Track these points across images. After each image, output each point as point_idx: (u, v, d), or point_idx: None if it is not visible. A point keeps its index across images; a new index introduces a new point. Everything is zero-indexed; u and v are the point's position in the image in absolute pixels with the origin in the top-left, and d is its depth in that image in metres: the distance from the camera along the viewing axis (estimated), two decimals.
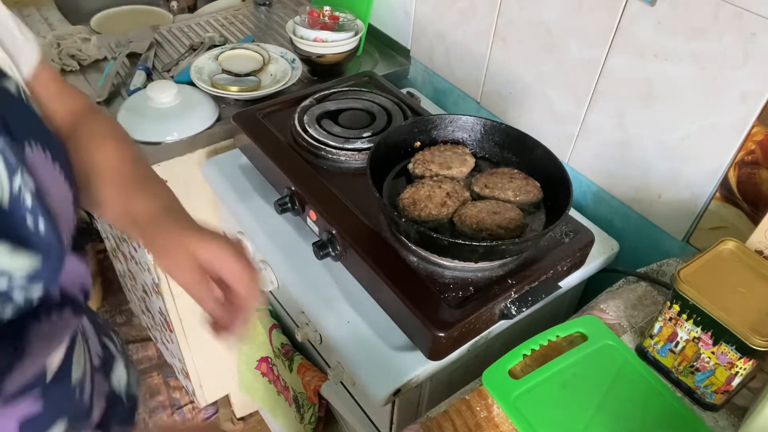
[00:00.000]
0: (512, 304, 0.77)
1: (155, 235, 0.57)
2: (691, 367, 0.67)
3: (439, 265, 0.78)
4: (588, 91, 0.95)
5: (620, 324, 0.77)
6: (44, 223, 0.46)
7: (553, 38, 0.97)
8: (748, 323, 0.61)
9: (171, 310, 1.31)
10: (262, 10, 1.54)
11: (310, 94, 1.06)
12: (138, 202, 0.59)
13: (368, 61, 1.33)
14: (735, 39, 0.73)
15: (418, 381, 0.76)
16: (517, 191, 0.83)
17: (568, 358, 0.71)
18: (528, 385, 0.68)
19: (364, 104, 1.04)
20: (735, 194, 0.81)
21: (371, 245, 0.80)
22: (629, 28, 0.85)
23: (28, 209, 0.45)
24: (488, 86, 1.15)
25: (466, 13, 1.12)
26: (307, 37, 1.19)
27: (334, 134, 0.97)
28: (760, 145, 0.76)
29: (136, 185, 0.61)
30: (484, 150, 0.94)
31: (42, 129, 0.52)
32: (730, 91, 0.76)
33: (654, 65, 0.84)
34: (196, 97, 1.13)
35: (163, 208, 0.59)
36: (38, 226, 0.46)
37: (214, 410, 1.76)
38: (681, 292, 0.64)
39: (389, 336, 0.79)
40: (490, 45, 1.10)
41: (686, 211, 0.88)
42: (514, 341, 0.74)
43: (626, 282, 0.84)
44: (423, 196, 0.81)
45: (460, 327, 0.72)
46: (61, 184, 0.52)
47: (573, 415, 0.66)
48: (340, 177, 0.92)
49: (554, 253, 0.81)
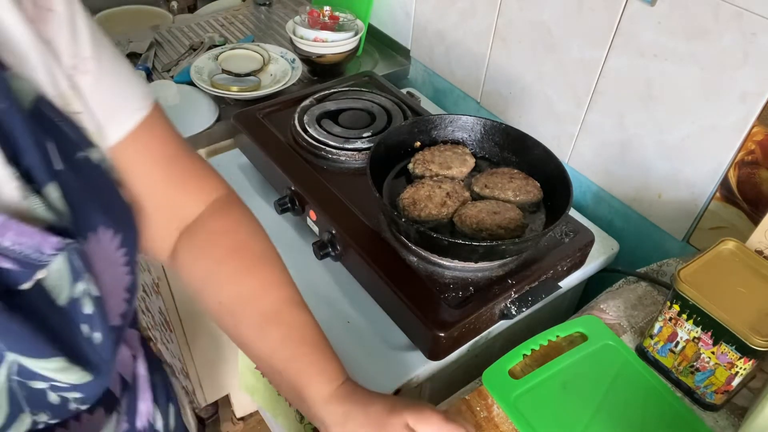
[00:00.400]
0: (512, 304, 0.77)
1: (348, 415, 0.52)
2: (691, 367, 0.67)
3: (439, 265, 0.78)
4: (588, 91, 0.95)
5: (620, 324, 0.77)
6: (101, 333, 0.43)
7: (553, 38, 0.97)
8: (748, 323, 0.61)
9: (171, 310, 1.31)
10: (262, 10, 1.54)
11: (310, 94, 1.06)
12: (301, 372, 0.54)
13: (368, 61, 1.33)
14: (735, 39, 0.73)
15: (418, 381, 0.76)
16: (517, 191, 0.83)
17: (568, 358, 0.71)
18: (528, 385, 0.68)
19: (364, 104, 1.04)
20: (735, 194, 0.81)
21: (371, 245, 0.80)
22: (629, 28, 0.85)
23: (85, 317, 0.42)
24: (488, 86, 1.15)
25: (466, 13, 1.12)
26: (307, 37, 1.19)
27: (334, 134, 0.97)
28: (760, 145, 0.76)
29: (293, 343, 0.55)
30: (484, 150, 0.94)
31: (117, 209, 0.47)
32: (730, 91, 0.76)
33: (654, 65, 0.84)
34: (196, 97, 1.13)
35: (333, 379, 0.54)
36: (92, 336, 0.43)
37: (214, 410, 1.76)
38: (681, 292, 0.64)
39: (389, 336, 0.79)
40: (490, 45, 1.10)
41: (686, 211, 0.88)
42: (514, 341, 0.74)
43: (626, 282, 0.84)
44: (423, 196, 0.81)
45: (460, 327, 0.72)
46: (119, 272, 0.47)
47: (573, 415, 0.66)
48: (340, 177, 0.92)
49: (554, 253, 0.81)
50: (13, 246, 0.36)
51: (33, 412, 0.40)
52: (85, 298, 0.41)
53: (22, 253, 0.36)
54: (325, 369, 0.55)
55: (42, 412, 0.41)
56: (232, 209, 0.60)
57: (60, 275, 0.39)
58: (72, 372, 0.40)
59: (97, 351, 0.43)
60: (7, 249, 0.36)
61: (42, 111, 0.41)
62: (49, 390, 0.41)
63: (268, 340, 0.55)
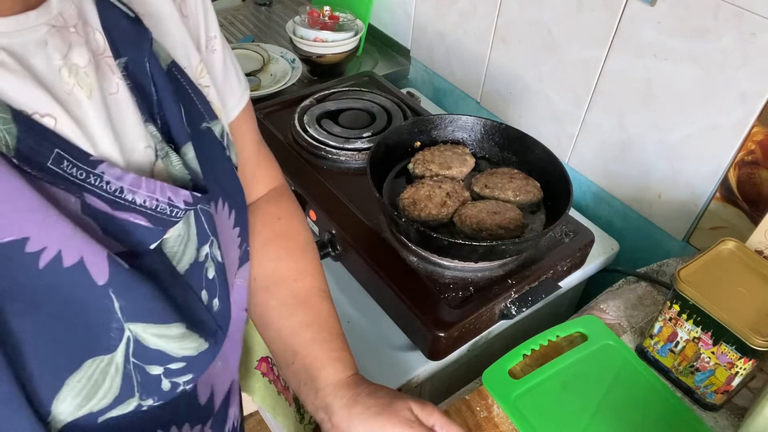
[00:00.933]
0: (512, 304, 0.77)
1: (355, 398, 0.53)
2: (691, 367, 0.67)
3: (439, 265, 0.78)
4: (588, 91, 0.95)
5: (620, 324, 0.77)
6: (220, 300, 0.43)
7: (553, 38, 0.97)
8: (748, 323, 0.61)
9: None
10: (262, 10, 1.54)
11: (310, 94, 1.06)
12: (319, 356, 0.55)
13: (368, 61, 1.33)
14: (735, 39, 0.73)
15: (418, 381, 0.76)
16: (517, 191, 0.83)
17: (568, 358, 0.71)
18: (528, 385, 0.68)
19: (364, 104, 1.04)
20: (735, 194, 0.81)
21: (371, 245, 0.80)
22: (629, 28, 0.85)
23: (208, 283, 0.42)
24: (488, 86, 1.15)
25: (466, 13, 1.12)
26: (307, 37, 1.19)
27: (334, 134, 0.97)
28: (760, 145, 0.76)
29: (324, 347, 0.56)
30: (484, 150, 0.94)
31: (234, 186, 0.48)
32: (730, 91, 0.76)
33: (654, 65, 0.83)
34: None
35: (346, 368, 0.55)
36: (213, 303, 0.43)
37: None
38: (681, 292, 0.64)
39: (389, 336, 0.79)
40: (490, 45, 1.10)
41: (686, 211, 0.88)
42: (514, 341, 0.74)
43: (626, 282, 0.84)
44: (423, 196, 0.81)
45: (460, 327, 0.72)
46: (233, 253, 0.48)
47: (573, 415, 0.66)
48: (340, 177, 0.92)
49: (554, 253, 0.81)
50: (146, 202, 0.36)
51: (142, 398, 0.40)
52: (209, 263, 0.42)
53: (157, 207, 0.36)
54: (340, 358, 0.56)
55: (150, 398, 0.41)
56: (287, 199, 0.64)
57: (182, 239, 0.40)
58: (190, 340, 0.40)
59: (215, 318, 0.42)
60: (140, 206, 0.36)
61: (176, 75, 0.42)
62: (163, 376, 0.40)
63: (294, 320, 0.57)
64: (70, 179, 0.33)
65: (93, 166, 0.34)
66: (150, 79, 0.39)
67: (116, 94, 0.38)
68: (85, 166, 0.34)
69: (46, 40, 0.34)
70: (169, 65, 0.42)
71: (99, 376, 0.36)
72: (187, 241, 0.40)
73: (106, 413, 0.38)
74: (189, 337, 0.40)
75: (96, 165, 0.34)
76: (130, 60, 0.38)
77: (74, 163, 0.33)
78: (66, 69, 0.34)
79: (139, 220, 0.36)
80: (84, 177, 0.34)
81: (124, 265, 0.35)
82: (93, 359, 0.36)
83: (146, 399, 0.40)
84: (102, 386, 0.37)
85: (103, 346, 0.36)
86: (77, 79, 0.35)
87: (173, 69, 0.42)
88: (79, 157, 0.34)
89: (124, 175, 0.35)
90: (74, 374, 0.35)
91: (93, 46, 0.37)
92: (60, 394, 0.35)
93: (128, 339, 0.37)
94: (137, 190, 0.36)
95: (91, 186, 0.34)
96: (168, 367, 0.40)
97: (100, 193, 0.34)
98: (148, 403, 0.41)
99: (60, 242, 0.32)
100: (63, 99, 0.34)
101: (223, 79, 0.51)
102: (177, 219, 0.38)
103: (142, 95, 0.39)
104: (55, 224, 0.32)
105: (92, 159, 0.34)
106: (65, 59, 0.35)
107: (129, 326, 0.36)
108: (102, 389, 0.37)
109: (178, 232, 0.39)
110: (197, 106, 0.44)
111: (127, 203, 0.35)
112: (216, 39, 0.49)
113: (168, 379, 0.41)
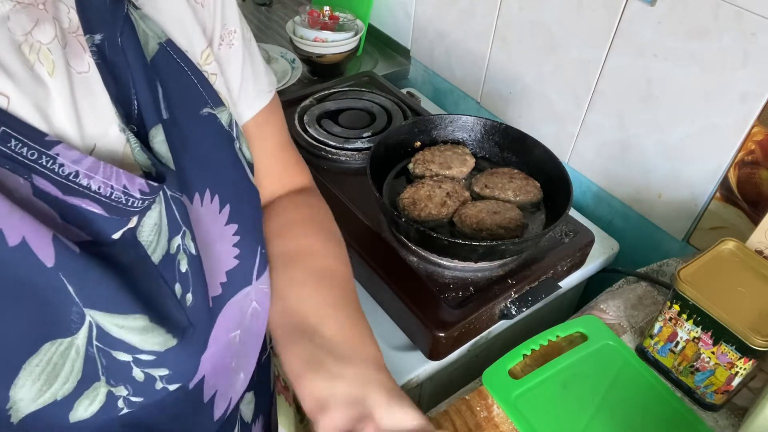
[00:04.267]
0: (512, 304, 0.77)
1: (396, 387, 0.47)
2: (691, 367, 0.67)
3: (439, 265, 0.78)
4: (588, 91, 0.95)
5: (620, 324, 0.77)
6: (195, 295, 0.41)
7: (553, 38, 0.97)
8: (748, 323, 0.61)
9: None
10: (262, 10, 1.54)
11: (310, 94, 1.06)
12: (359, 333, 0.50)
13: (368, 61, 1.33)
14: (735, 39, 0.73)
15: (418, 381, 0.76)
16: (517, 191, 0.83)
17: (568, 358, 0.71)
18: (528, 385, 0.68)
19: (364, 104, 1.04)
20: (735, 194, 0.81)
21: (371, 245, 0.80)
22: (629, 28, 0.85)
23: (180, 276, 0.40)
24: (488, 86, 1.15)
25: (466, 13, 1.12)
26: (307, 37, 1.19)
27: (334, 134, 0.97)
28: (760, 145, 0.76)
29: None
30: (484, 150, 0.94)
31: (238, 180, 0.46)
32: (730, 91, 0.76)
33: (654, 65, 0.83)
34: None
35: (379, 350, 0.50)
36: (186, 298, 0.40)
37: None
38: (681, 292, 0.64)
39: (389, 336, 0.79)
40: (490, 45, 1.10)
41: (686, 211, 0.88)
42: (514, 341, 0.74)
43: (626, 282, 0.84)
44: (423, 196, 0.81)
45: (460, 327, 0.72)
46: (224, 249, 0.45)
47: (573, 415, 0.66)
48: (340, 177, 0.92)
49: (554, 253, 0.81)
50: (101, 188, 0.34)
51: (110, 384, 0.38)
52: (182, 255, 0.40)
53: (111, 195, 0.34)
54: (374, 339, 0.51)
55: (121, 386, 0.38)
56: (317, 197, 0.61)
57: (157, 229, 0.38)
58: (154, 334, 0.38)
59: (187, 314, 0.40)
60: (94, 192, 0.34)
61: (171, 55, 0.40)
62: (132, 364, 0.38)
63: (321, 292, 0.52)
64: (17, 159, 0.31)
65: (47, 146, 0.32)
66: (124, 58, 0.37)
67: (86, 73, 0.36)
68: (37, 146, 0.32)
69: (8, 16, 0.32)
70: (163, 43, 0.40)
71: (59, 359, 0.35)
72: (160, 232, 0.38)
73: (75, 404, 0.36)
74: (153, 330, 0.38)
75: (51, 146, 0.33)
76: (105, 38, 0.36)
77: (24, 143, 0.32)
78: (27, 46, 0.33)
79: (92, 207, 0.34)
80: (35, 157, 0.32)
81: (73, 249, 0.33)
82: (52, 342, 0.34)
83: (117, 387, 0.38)
84: (62, 370, 0.35)
85: (63, 329, 0.34)
86: (38, 56, 0.33)
87: (168, 47, 0.40)
88: (32, 136, 0.32)
89: (81, 158, 0.33)
90: (32, 358, 0.34)
91: (64, 24, 0.35)
92: (18, 379, 0.33)
93: (90, 324, 0.35)
94: (93, 176, 0.34)
95: (42, 167, 0.32)
96: (137, 357, 0.38)
97: (51, 175, 0.33)
98: (122, 394, 0.38)
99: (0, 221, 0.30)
100: (20, 77, 0.33)
101: (241, 74, 0.48)
102: (134, 209, 0.36)
103: (114, 74, 0.37)
104: None
105: (47, 139, 0.33)
106: (27, 36, 0.33)
107: (89, 312, 0.35)
108: (63, 373, 0.35)
109: (154, 221, 0.37)
110: (198, 89, 0.42)
111: (80, 188, 0.33)
112: (236, 33, 0.47)
113: (140, 369, 0.39)
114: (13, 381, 0.33)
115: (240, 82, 0.49)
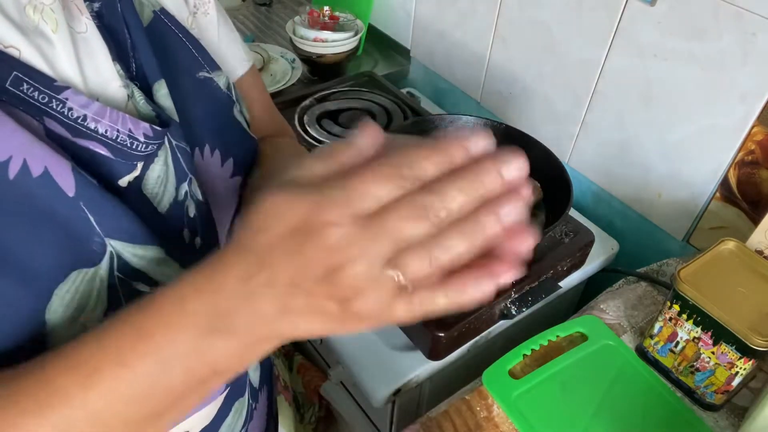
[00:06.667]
0: (512, 304, 0.76)
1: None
2: (691, 367, 0.67)
3: None
4: (588, 91, 0.95)
5: (620, 324, 0.77)
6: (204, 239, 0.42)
7: (553, 38, 0.97)
8: (748, 323, 0.61)
9: None
10: (262, 10, 1.54)
11: (310, 94, 1.06)
12: None
13: (368, 61, 1.33)
14: (735, 39, 0.73)
15: (418, 381, 0.76)
16: None
17: (568, 358, 0.71)
18: (528, 385, 0.68)
19: (364, 104, 1.04)
20: (735, 194, 0.81)
21: None
22: (629, 28, 0.85)
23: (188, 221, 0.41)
24: (488, 86, 1.15)
25: (466, 13, 1.12)
26: (307, 37, 1.19)
27: (334, 134, 0.97)
28: (760, 145, 0.76)
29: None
30: None
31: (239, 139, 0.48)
32: (730, 91, 0.76)
33: (654, 65, 0.83)
34: None
35: None
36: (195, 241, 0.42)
37: None
38: (681, 292, 0.64)
39: (389, 336, 0.79)
40: (490, 45, 1.10)
41: (686, 211, 0.88)
42: (514, 341, 0.74)
43: (626, 282, 0.84)
44: None
45: (460, 327, 0.72)
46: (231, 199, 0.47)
47: (573, 415, 0.66)
48: None
49: (554, 253, 0.81)
50: (108, 132, 0.36)
51: None
52: (189, 201, 0.41)
53: (117, 138, 0.36)
54: None
55: None
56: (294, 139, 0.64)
57: (161, 181, 0.39)
58: (168, 266, 0.39)
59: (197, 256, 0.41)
60: (101, 135, 0.36)
61: (165, 21, 0.43)
62: None
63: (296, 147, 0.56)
64: (30, 101, 0.33)
65: (57, 91, 0.34)
66: (122, 22, 0.39)
67: (85, 33, 0.38)
68: (47, 90, 0.34)
69: None
70: (158, 11, 0.42)
71: (86, 287, 0.36)
72: (166, 182, 0.40)
73: None
74: (168, 263, 0.39)
75: (60, 90, 0.34)
76: (104, 5, 0.39)
77: (35, 87, 0.33)
78: (31, 7, 0.35)
79: (99, 149, 0.36)
80: (46, 101, 0.34)
81: (92, 181, 0.35)
82: (78, 271, 0.35)
83: None
84: (89, 299, 0.36)
85: (87, 259, 0.36)
86: (42, 15, 0.35)
87: (162, 15, 0.43)
88: (42, 81, 0.34)
89: (89, 103, 0.35)
90: (62, 284, 0.35)
91: None
92: (51, 304, 0.35)
93: (111, 254, 0.37)
94: (100, 120, 0.36)
95: (53, 110, 0.34)
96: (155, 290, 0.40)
97: (61, 118, 0.34)
98: None
99: (23, 151, 0.32)
100: (28, 33, 0.35)
101: (217, 42, 0.51)
102: (139, 153, 0.38)
103: (113, 37, 0.39)
104: (12, 133, 0.32)
105: (56, 84, 0.34)
106: None
107: (109, 242, 0.36)
108: (90, 302, 0.37)
109: (158, 174, 0.39)
110: (192, 52, 0.44)
111: (89, 131, 0.35)
112: (210, 4, 0.50)
113: None
114: (46, 305, 0.35)
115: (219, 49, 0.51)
